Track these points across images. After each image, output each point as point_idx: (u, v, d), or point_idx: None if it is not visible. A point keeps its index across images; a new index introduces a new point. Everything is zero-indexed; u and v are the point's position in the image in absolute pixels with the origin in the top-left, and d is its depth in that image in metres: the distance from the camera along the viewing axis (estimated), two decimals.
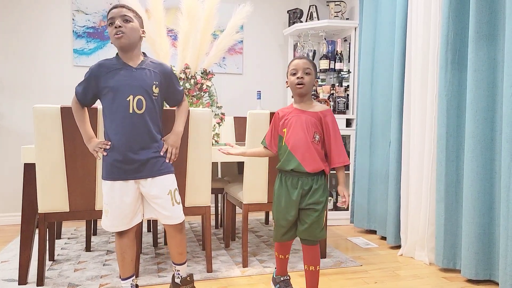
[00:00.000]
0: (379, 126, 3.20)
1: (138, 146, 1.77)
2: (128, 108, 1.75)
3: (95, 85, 1.79)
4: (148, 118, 1.79)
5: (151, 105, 1.79)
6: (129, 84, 1.76)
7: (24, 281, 2.16)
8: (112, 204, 1.79)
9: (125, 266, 1.88)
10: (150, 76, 1.81)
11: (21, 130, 3.60)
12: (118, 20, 1.74)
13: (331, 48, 3.80)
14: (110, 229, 1.83)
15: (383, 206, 3.13)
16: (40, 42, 3.63)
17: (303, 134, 1.81)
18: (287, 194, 1.84)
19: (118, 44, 1.77)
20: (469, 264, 2.24)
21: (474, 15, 2.22)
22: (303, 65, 1.84)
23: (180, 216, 1.90)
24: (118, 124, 1.75)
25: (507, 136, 2.02)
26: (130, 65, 1.80)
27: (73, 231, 3.32)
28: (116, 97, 1.75)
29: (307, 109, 1.87)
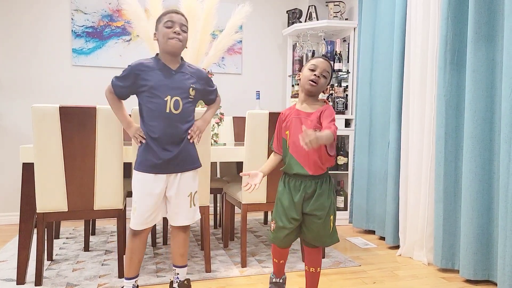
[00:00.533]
0: (378, 126, 3.20)
1: (172, 145, 1.82)
2: (165, 107, 1.80)
3: (133, 82, 1.82)
4: (184, 118, 1.85)
5: (187, 106, 1.86)
6: (167, 85, 1.82)
7: (22, 281, 2.16)
8: (140, 201, 1.83)
9: (132, 267, 1.90)
10: (187, 79, 1.88)
11: (19, 130, 3.60)
12: (177, 26, 1.81)
13: (330, 48, 3.81)
14: (135, 227, 1.85)
15: (382, 206, 3.13)
16: (39, 41, 3.62)
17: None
18: (290, 196, 1.80)
19: (172, 48, 1.81)
20: (468, 264, 2.24)
21: (473, 15, 2.23)
22: (324, 66, 1.80)
23: (193, 218, 1.96)
24: (154, 122, 1.80)
25: (505, 137, 2.03)
26: (170, 67, 1.85)
27: (72, 231, 3.32)
28: (154, 96, 1.80)
29: (308, 110, 1.82)
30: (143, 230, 1.87)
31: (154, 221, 1.89)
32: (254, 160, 2.40)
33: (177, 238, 1.97)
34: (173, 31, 1.79)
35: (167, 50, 1.83)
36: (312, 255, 1.86)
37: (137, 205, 1.84)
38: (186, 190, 1.90)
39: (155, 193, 1.83)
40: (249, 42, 4.18)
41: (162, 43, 1.83)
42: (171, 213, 1.91)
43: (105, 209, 2.21)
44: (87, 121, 2.11)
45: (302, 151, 1.75)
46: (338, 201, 3.73)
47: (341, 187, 3.74)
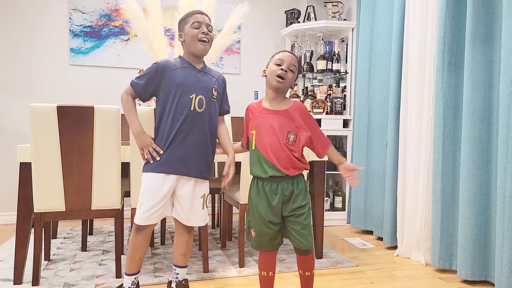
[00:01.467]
0: (376, 127, 3.21)
1: (192, 143, 1.82)
2: (190, 105, 1.81)
3: (159, 79, 1.82)
4: (207, 118, 1.85)
5: (210, 106, 1.87)
6: (193, 83, 1.83)
7: (20, 281, 2.15)
8: (148, 197, 1.81)
9: (133, 263, 1.90)
10: (211, 79, 1.90)
11: (17, 129, 3.59)
12: (205, 26, 1.83)
13: (329, 49, 3.81)
14: (138, 221, 1.84)
15: (379, 206, 3.13)
16: (37, 41, 3.62)
17: (276, 137, 1.68)
18: (266, 201, 1.70)
19: (200, 49, 1.84)
20: (465, 264, 2.25)
21: (471, 17, 2.23)
22: (291, 60, 1.72)
23: (205, 219, 1.96)
24: (178, 120, 1.80)
25: (503, 138, 2.03)
26: (194, 66, 1.88)
27: (69, 231, 3.31)
28: (178, 94, 1.80)
29: (277, 107, 1.73)
30: (146, 226, 1.87)
31: (159, 218, 1.88)
32: None
33: (180, 237, 1.98)
34: (201, 32, 1.82)
35: (195, 52, 1.85)
36: (305, 261, 1.80)
37: (144, 199, 1.83)
38: (200, 191, 1.90)
39: (164, 191, 1.82)
40: (247, 42, 4.18)
41: (190, 45, 1.85)
42: (185, 214, 1.89)
43: (103, 209, 2.21)
44: (85, 120, 2.10)
45: (274, 152, 1.68)
46: (336, 202, 3.73)
47: (339, 188, 3.74)
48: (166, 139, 1.81)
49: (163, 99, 1.84)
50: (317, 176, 2.63)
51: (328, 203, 3.72)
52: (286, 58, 1.72)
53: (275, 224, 1.72)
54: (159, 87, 1.83)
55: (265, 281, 1.82)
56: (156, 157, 1.80)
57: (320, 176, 2.63)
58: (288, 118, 1.71)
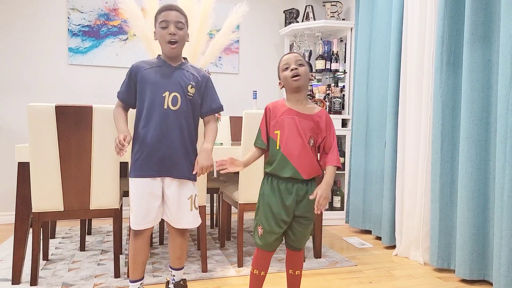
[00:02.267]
0: (374, 127, 3.21)
1: (170, 143, 1.77)
2: (163, 103, 1.76)
3: (134, 81, 1.81)
4: (183, 116, 1.80)
5: (186, 104, 1.81)
6: (166, 80, 1.79)
7: (18, 281, 2.15)
8: (137, 202, 1.79)
9: (136, 269, 1.86)
10: (187, 76, 1.84)
11: (15, 129, 3.58)
12: (172, 26, 1.77)
13: (327, 49, 3.81)
14: (134, 226, 1.82)
15: (378, 206, 3.13)
16: (35, 40, 3.61)
17: (300, 139, 1.67)
18: (280, 200, 1.69)
19: (169, 51, 1.80)
20: (463, 264, 2.25)
21: (470, 16, 2.23)
22: (295, 58, 1.71)
23: (194, 222, 1.90)
24: (151, 119, 1.76)
25: (501, 137, 2.04)
26: (170, 64, 1.83)
27: (68, 231, 3.31)
28: (152, 92, 1.77)
29: (303, 111, 1.71)
30: (144, 230, 1.83)
31: (154, 222, 1.84)
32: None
33: (174, 242, 1.94)
34: (168, 33, 1.76)
35: (166, 52, 1.82)
36: (295, 258, 1.80)
37: (134, 204, 1.81)
38: (187, 193, 1.85)
39: (150, 194, 1.79)
40: (246, 41, 4.18)
41: (160, 45, 1.82)
42: (172, 216, 1.86)
43: (101, 209, 2.21)
44: (83, 120, 2.10)
45: (298, 155, 1.67)
46: (334, 201, 3.73)
47: (338, 187, 3.74)
48: (142, 140, 1.77)
49: (139, 100, 1.81)
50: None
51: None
52: (290, 59, 1.72)
53: (285, 223, 1.72)
54: (137, 88, 1.81)
55: (256, 280, 1.79)
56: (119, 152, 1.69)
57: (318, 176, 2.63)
58: (313, 123, 1.71)
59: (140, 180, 1.79)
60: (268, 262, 1.79)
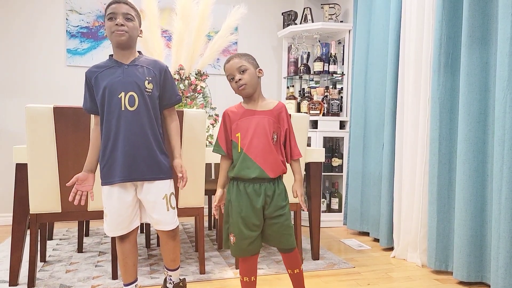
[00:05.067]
0: (372, 128, 3.21)
1: (132, 145, 1.71)
2: (120, 105, 1.70)
3: (91, 88, 1.77)
4: (143, 115, 1.73)
5: (145, 101, 1.73)
6: (119, 81, 1.72)
7: (15, 282, 2.14)
8: (111, 209, 1.75)
9: (128, 272, 1.84)
10: (142, 72, 1.76)
11: (13, 130, 3.57)
12: (120, 17, 1.70)
13: (325, 50, 3.81)
14: (110, 233, 1.79)
15: (376, 208, 3.14)
16: (33, 41, 3.60)
17: (263, 137, 1.66)
18: (249, 203, 1.66)
19: (117, 41, 1.72)
20: (461, 266, 2.26)
21: (467, 19, 2.24)
22: (235, 66, 1.68)
23: (174, 222, 1.84)
24: (112, 123, 1.71)
25: (499, 140, 2.04)
26: (122, 63, 1.76)
27: (65, 232, 3.30)
28: (109, 95, 1.71)
29: (261, 108, 1.71)
30: (129, 233, 1.81)
31: (130, 227, 1.79)
32: None
33: (166, 245, 1.89)
34: (114, 24, 1.69)
35: (115, 45, 1.75)
36: (290, 258, 1.77)
37: (107, 211, 1.76)
38: (161, 193, 1.79)
39: (122, 199, 1.75)
40: (244, 43, 4.19)
41: (109, 38, 1.75)
42: (150, 218, 1.82)
43: (99, 210, 2.20)
44: (81, 121, 2.10)
45: (262, 154, 1.66)
46: (332, 203, 3.74)
47: (336, 189, 3.74)
48: (104, 146, 1.73)
49: (99, 107, 1.75)
50: (313, 178, 2.63)
51: (324, 205, 3.72)
52: (232, 68, 1.69)
53: (257, 227, 1.68)
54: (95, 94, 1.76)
55: (248, 287, 1.76)
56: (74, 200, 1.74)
57: (316, 177, 2.64)
58: (273, 117, 1.70)
59: (108, 188, 1.74)
60: (254, 267, 1.76)
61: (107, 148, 1.73)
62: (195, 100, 2.66)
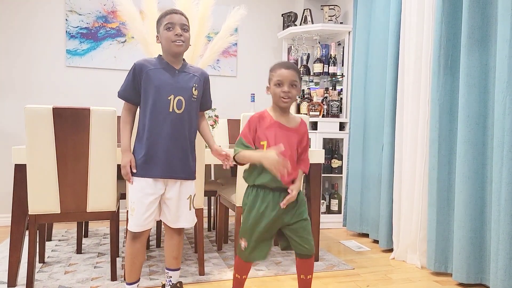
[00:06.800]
0: (372, 130, 3.21)
1: (174, 145, 1.80)
2: (168, 107, 1.78)
3: (138, 79, 1.80)
4: (186, 119, 1.82)
5: (190, 106, 1.83)
6: (171, 84, 1.80)
7: (14, 284, 2.13)
8: (139, 203, 1.80)
9: (133, 271, 1.87)
10: (190, 78, 1.86)
11: (12, 131, 3.57)
12: (178, 27, 1.78)
13: (325, 52, 3.82)
14: (134, 229, 1.81)
15: (375, 209, 3.13)
16: (33, 42, 3.60)
17: (289, 152, 1.71)
18: (270, 212, 1.70)
19: (175, 51, 1.80)
20: (461, 268, 2.25)
21: (467, 20, 2.24)
22: (291, 77, 1.70)
23: (193, 220, 1.95)
24: (156, 122, 1.78)
25: (498, 141, 2.04)
26: (174, 67, 1.84)
27: (64, 233, 3.29)
28: (157, 95, 1.78)
29: (289, 123, 1.76)
30: (143, 233, 1.84)
31: (152, 223, 1.85)
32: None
33: (171, 241, 1.95)
34: (174, 34, 1.78)
35: (171, 52, 1.82)
36: (307, 264, 1.81)
37: (135, 206, 1.80)
38: (187, 192, 1.89)
39: (153, 194, 1.81)
40: (244, 44, 4.19)
41: (165, 46, 1.82)
42: (171, 216, 1.88)
43: (98, 211, 2.20)
44: (80, 122, 2.10)
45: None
46: (332, 204, 3.73)
47: (335, 190, 3.74)
48: (146, 142, 1.79)
49: (143, 101, 1.81)
50: (313, 179, 2.63)
51: (324, 206, 3.72)
52: (285, 77, 1.70)
53: (271, 236, 1.77)
54: (139, 86, 1.81)
55: (239, 283, 1.84)
56: (129, 180, 1.80)
57: (316, 179, 2.63)
58: (297, 137, 1.77)
59: (142, 180, 1.80)
60: (250, 268, 1.85)
61: (149, 142, 1.78)
62: None
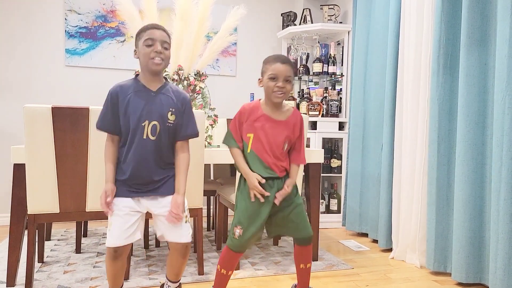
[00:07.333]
0: (371, 130, 3.21)
1: (147, 170, 1.70)
2: (142, 133, 1.68)
3: (115, 108, 1.71)
4: (160, 145, 1.71)
5: (165, 132, 1.72)
6: (145, 108, 1.69)
7: (13, 283, 2.13)
8: (116, 217, 1.70)
9: (117, 283, 1.80)
10: (167, 102, 1.73)
11: (11, 130, 3.57)
12: (159, 44, 1.67)
13: (325, 51, 3.82)
14: (112, 243, 1.71)
15: (375, 209, 3.14)
16: (32, 41, 3.60)
17: (275, 146, 1.73)
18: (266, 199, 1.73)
19: (153, 69, 1.69)
20: (460, 267, 2.25)
21: (466, 20, 2.24)
22: (286, 72, 1.68)
23: (188, 234, 1.79)
24: (131, 148, 1.69)
25: (498, 141, 2.04)
26: (149, 89, 1.72)
27: (63, 233, 3.29)
28: (131, 121, 1.68)
29: (278, 117, 1.75)
30: (124, 249, 1.73)
31: (131, 238, 1.73)
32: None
33: (175, 262, 1.82)
34: (154, 51, 1.66)
35: (149, 70, 1.70)
36: (305, 251, 1.84)
37: (112, 220, 1.71)
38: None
39: (131, 208, 1.71)
40: (243, 44, 4.19)
41: (143, 63, 1.70)
42: (167, 230, 1.76)
43: (97, 211, 2.19)
44: (79, 122, 2.09)
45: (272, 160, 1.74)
46: (331, 204, 3.73)
47: (335, 190, 3.74)
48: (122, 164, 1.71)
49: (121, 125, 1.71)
50: (312, 178, 2.63)
51: (323, 206, 3.72)
52: (280, 71, 1.68)
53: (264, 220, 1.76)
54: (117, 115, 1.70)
55: (223, 279, 1.80)
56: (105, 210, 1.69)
57: (315, 178, 2.63)
58: (286, 129, 1.76)
59: (120, 200, 1.71)
60: (236, 262, 1.83)
61: (124, 167, 1.71)
62: (194, 101, 2.66)
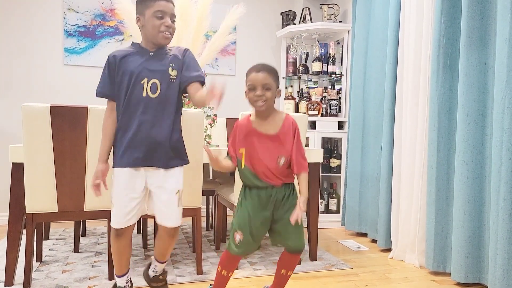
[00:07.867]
0: (371, 129, 3.21)
1: (150, 131, 1.70)
2: (142, 91, 1.69)
3: (113, 71, 1.73)
4: (163, 103, 1.72)
5: (167, 89, 1.72)
6: (144, 67, 1.70)
7: (11, 283, 2.12)
8: (118, 197, 1.73)
9: (122, 264, 1.85)
10: (166, 58, 1.75)
11: (9, 129, 3.56)
12: (169, 18, 1.70)
13: (324, 51, 3.81)
14: (116, 225, 1.76)
15: (374, 209, 3.13)
16: (30, 40, 3.59)
17: (269, 161, 1.68)
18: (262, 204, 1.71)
19: (162, 42, 1.72)
20: (459, 267, 2.25)
21: (466, 19, 2.24)
22: (262, 80, 1.63)
23: (179, 219, 1.83)
24: (130, 109, 1.70)
25: (497, 141, 2.04)
26: (147, 49, 1.75)
27: (62, 232, 3.28)
28: (130, 81, 1.70)
29: (268, 130, 1.69)
30: (126, 229, 1.78)
31: (134, 219, 1.78)
32: None
33: (162, 242, 1.88)
34: (165, 25, 1.69)
35: (156, 42, 1.73)
36: (292, 260, 1.79)
37: (115, 201, 1.74)
38: (174, 187, 1.79)
39: (134, 187, 1.73)
40: (243, 43, 4.18)
41: (150, 34, 1.71)
42: (159, 211, 1.79)
43: (96, 210, 2.19)
44: (78, 120, 2.09)
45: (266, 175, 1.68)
46: (331, 204, 3.73)
47: (334, 190, 3.74)
48: (123, 131, 1.72)
49: (118, 90, 1.73)
50: (312, 178, 2.62)
51: (322, 205, 3.72)
52: (256, 80, 1.63)
53: (264, 230, 1.74)
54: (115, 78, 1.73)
55: (223, 280, 1.80)
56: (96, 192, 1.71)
57: (315, 178, 2.63)
58: (278, 143, 1.69)
59: (121, 171, 1.72)
60: (236, 264, 1.81)
61: (126, 132, 1.71)
62: None
